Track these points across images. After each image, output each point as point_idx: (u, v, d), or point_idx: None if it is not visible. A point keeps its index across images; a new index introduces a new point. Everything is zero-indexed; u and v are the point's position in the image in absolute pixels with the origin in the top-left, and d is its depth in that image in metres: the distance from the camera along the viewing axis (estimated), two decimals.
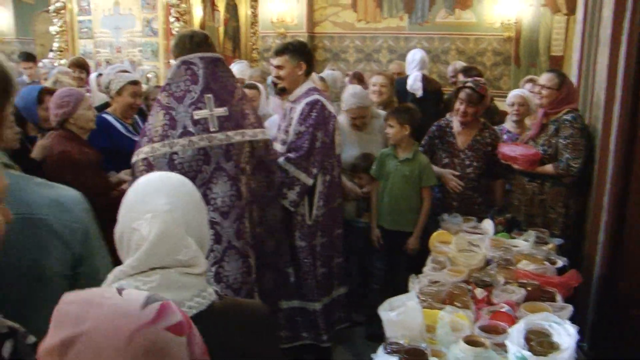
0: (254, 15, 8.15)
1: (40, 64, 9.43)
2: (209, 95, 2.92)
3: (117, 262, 1.34)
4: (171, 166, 2.81)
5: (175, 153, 2.84)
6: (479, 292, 2.66)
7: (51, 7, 7.24)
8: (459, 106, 4.11)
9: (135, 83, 4.04)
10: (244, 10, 7.91)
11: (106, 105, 4.28)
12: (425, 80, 6.20)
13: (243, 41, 7.94)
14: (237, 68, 6.33)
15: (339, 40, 13.06)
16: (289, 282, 3.56)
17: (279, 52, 3.61)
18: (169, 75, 3.01)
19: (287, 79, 3.59)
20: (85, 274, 1.56)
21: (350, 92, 4.44)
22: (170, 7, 6.48)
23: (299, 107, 3.51)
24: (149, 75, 6.45)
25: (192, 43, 3.02)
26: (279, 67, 3.59)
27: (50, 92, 3.70)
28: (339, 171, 3.79)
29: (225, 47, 7.50)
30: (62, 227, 1.50)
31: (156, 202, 1.31)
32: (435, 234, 3.50)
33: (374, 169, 4.23)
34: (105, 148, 3.63)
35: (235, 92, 3.07)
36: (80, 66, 5.63)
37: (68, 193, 1.58)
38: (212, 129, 2.91)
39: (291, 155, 3.44)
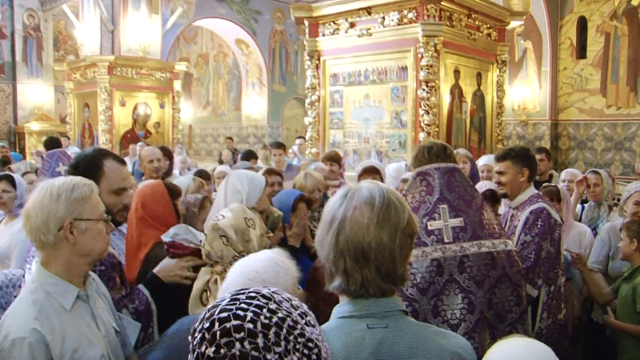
0: (500, 105, 7.87)
1: (290, 151, 10.18)
2: (444, 205, 2.88)
3: None
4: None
5: (409, 264, 2.72)
6: None
7: (307, 100, 7.76)
8: None
9: None
10: (490, 100, 7.69)
11: None
12: None
13: (488, 132, 7.68)
14: (487, 160, 6.10)
15: (585, 128, 12.17)
16: None
17: (501, 157, 3.58)
18: (406, 187, 3.00)
19: (508, 185, 3.52)
20: None
21: None
22: (420, 100, 6.50)
23: (524, 216, 3.42)
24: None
25: (430, 154, 3.03)
26: (500, 173, 3.55)
27: (303, 199, 3.77)
28: (563, 280, 3.53)
29: (471, 138, 7.30)
30: None
31: None
32: None
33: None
34: None
35: (473, 202, 2.98)
36: (333, 159, 5.84)
37: (463, 343, 1.52)
38: (446, 240, 2.85)
39: None
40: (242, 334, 0.94)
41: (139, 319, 2.25)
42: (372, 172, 4.93)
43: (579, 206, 5.31)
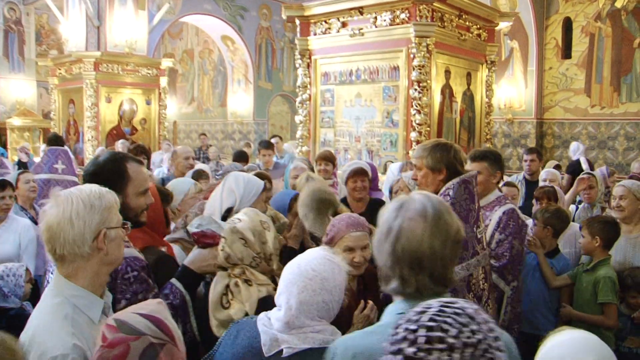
0: (489, 104, 7.94)
1: (285, 146, 10.20)
2: (480, 213, 2.98)
3: None
4: (469, 289, 2.81)
5: (471, 275, 2.84)
6: None
7: (298, 99, 7.75)
8: None
9: None
10: (479, 100, 7.75)
11: None
12: None
13: (477, 131, 7.75)
14: None
15: (569, 127, 12.32)
16: None
17: (479, 157, 3.68)
18: (452, 194, 2.86)
19: (482, 185, 3.55)
20: None
21: None
22: (411, 100, 6.54)
23: (495, 216, 3.54)
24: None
25: (460, 158, 3.05)
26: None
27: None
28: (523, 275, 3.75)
29: (461, 137, 7.35)
30: None
31: None
32: None
33: None
34: None
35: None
36: (327, 159, 5.83)
37: (507, 339, 1.57)
38: (485, 245, 2.99)
39: (494, 263, 3.41)
40: (444, 345, 1.04)
41: (176, 314, 2.22)
42: (361, 174, 4.82)
43: (572, 207, 5.37)
